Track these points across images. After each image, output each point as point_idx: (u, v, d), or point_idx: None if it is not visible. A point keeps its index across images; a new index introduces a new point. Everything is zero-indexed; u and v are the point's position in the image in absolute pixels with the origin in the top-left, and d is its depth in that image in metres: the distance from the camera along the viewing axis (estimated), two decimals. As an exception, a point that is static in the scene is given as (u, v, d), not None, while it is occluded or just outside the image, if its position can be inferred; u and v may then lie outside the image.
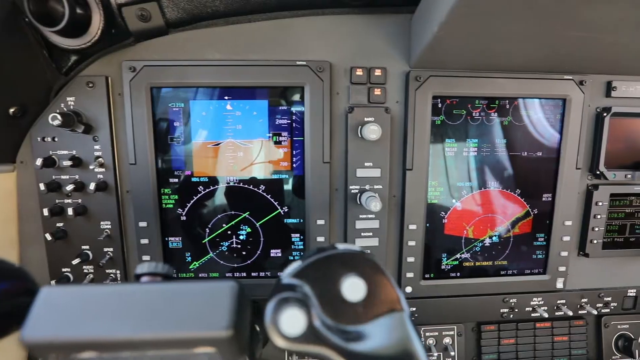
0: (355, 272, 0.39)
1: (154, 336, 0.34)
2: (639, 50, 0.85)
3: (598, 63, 0.92)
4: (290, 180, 0.93)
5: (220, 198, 0.93)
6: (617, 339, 1.16)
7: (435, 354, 1.09)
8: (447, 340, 1.10)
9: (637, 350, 1.12)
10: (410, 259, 0.97)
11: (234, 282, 0.38)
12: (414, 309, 1.01)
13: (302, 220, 0.95)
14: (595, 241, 1.03)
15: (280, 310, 0.35)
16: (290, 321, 0.35)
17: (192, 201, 0.92)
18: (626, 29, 0.71)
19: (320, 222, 0.93)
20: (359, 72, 0.90)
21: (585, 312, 1.07)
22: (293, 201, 0.94)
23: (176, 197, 0.92)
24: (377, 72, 0.90)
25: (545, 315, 1.04)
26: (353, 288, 0.38)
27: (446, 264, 1.01)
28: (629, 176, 1.00)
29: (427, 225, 0.97)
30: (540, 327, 1.13)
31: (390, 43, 0.91)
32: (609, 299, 1.09)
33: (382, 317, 0.39)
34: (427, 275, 1.01)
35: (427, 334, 1.09)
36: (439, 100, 0.93)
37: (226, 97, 0.89)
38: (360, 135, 0.89)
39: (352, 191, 0.92)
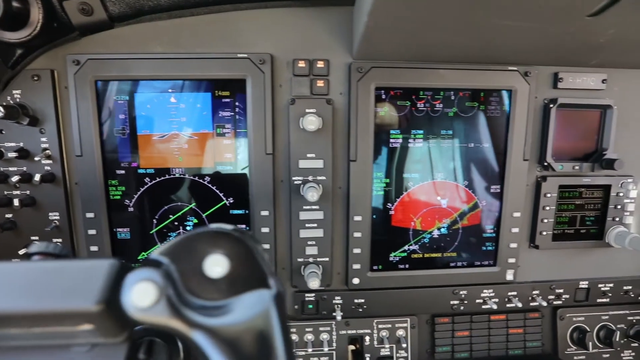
0: (220, 250, 0.40)
1: (28, 310, 0.35)
2: (583, 41, 0.85)
3: (542, 54, 0.93)
4: (235, 172, 0.94)
5: (166, 189, 0.94)
6: (573, 331, 1.16)
7: (388, 346, 1.10)
8: (400, 332, 1.11)
9: (590, 343, 1.12)
10: (357, 251, 0.98)
11: (116, 260, 0.39)
12: (362, 300, 1.02)
13: (247, 212, 0.96)
14: (544, 233, 1.03)
15: (134, 283, 0.36)
16: (141, 294, 0.36)
17: (139, 193, 0.94)
18: (549, 17, 0.71)
19: (265, 213, 0.94)
20: (302, 64, 0.91)
21: (536, 304, 1.07)
22: (238, 192, 0.95)
23: (123, 188, 0.93)
24: (320, 64, 0.91)
25: (495, 307, 1.04)
26: (214, 265, 0.39)
27: (394, 256, 1.01)
28: (577, 167, 1.00)
29: (374, 217, 0.98)
30: (495, 319, 1.13)
31: (333, 35, 0.92)
32: (561, 291, 1.09)
33: (247, 294, 0.40)
34: (375, 267, 1.01)
35: (380, 326, 1.10)
36: (383, 91, 0.93)
37: (170, 90, 0.91)
38: (302, 127, 0.90)
39: (295, 182, 0.93)
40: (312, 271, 0.93)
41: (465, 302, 1.05)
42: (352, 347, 1.10)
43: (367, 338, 1.10)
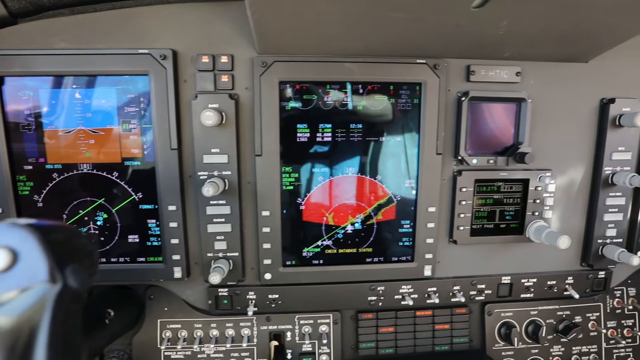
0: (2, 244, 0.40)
1: None
2: (483, 33, 0.83)
3: (452, 47, 0.92)
4: (142, 167, 0.94)
5: (75, 185, 0.95)
6: (501, 326, 1.15)
7: (310, 342, 1.09)
8: (323, 328, 1.11)
9: (515, 338, 1.11)
10: (267, 246, 0.97)
11: None
12: (277, 295, 1.01)
13: (156, 206, 0.96)
14: (462, 228, 1.02)
15: None
16: None
17: (47, 188, 0.94)
18: (437, 9, 0.70)
19: (172, 207, 0.94)
20: (205, 59, 0.90)
21: (457, 299, 1.06)
22: (146, 187, 0.95)
23: (31, 184, 0.94)
24: (224, 59, 0.91)
25: (411, 302, 1.03)
26: (-5, 259, 0.40)
27: (307, 251, 1.01)
28: (492, 161, 0.99)
29: (284, 212, 0.98)
30: (421, 315, 1.13)
31: (237, 30, 0.91)
32: (483, 286, 1.08)
33: (29, 289, 0.40)
34: (288, 262, 1.01)
35: (302, 321, 1.10)
36: (288, 85, 0.93)
37: (74, 86, 0.91)
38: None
39: (201, 177, 0.93)
40: (217, 266, 0.92)
41: (383, 297, 1.04)
42: (275, 342, 1.10)
43: (289, 334, 1.09)
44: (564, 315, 1.17)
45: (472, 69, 0.96)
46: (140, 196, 0.96)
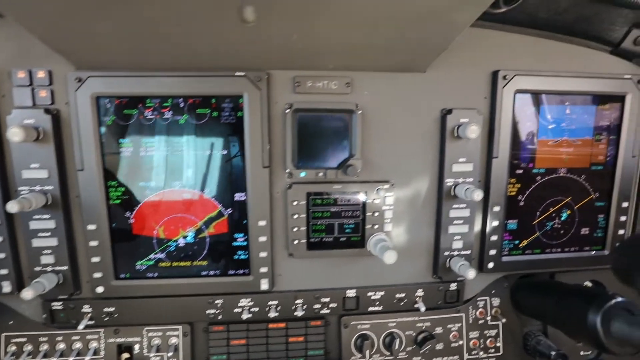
0: None
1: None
2: (283, 46, 0.83)
3: (272, 59, 0.91)
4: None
5: None
6: (357, 338, 1.14)
7: (159, 355, 1.09)
8: (173, 340, 1.10)
9: (367, 350, 1.10)
10: (95, 259, 0.97)
11: None
12: (113, 308, 1.02)
13: (-18, 221, 0.96)
14: (296, 242, 1.01)
15: None
16: None
17: None
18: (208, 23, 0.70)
19: (-8, 221, 0.94)
20: (21, 74, 0.91)
21: (299, 313, 1.05)
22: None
23: None
24: (40, 74, 0.91)
25: (249, 316, 1.02)
26: None
27: (141, 264, 1.01)
28: (321, 174, 0.97)
29: (114, 225, 0.98)
30: (273, 327, 1.12)
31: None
32: (327, 299, 1.06)
33: None
34: (122, 276, 1.01)
35: (150, 334, 1.09)
36: (108, 100, 0.93)
37: None
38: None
39: (22, 193, 0.93)
40: (37, 281, 0.93)
41: (222, 310, 1.04)
42: (126, 355, 1.10)
43: (137, 346, 1.09)
44: (423, 327, 1.15)
45: (297, 80, 0.95)
46: (-32, 210, 0.96)
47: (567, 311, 0.96)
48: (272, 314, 1.04)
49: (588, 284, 1.20)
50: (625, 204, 1.13)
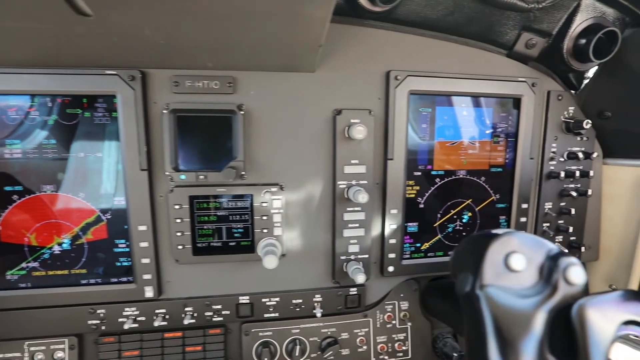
0: None
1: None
2: (185, 46, 0.78)
3: (150, 56, 0.86)
4: None
5: None
6: (258, 346, 1.10)
7: (41, 368, 1.03)
8: (59, 354, 1.04)
9: (266, 359, 1.06)
10: (-42, 270, 0.91)
11: None
12: (-19, 321, 0.95)
13: None
14: (181, 247, 0.97)
15: None
16: None
17: None
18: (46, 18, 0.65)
19: None
20: None
21: (189, 322, 1.01)
22: None
23: None
24: None
25: (134, 325, 0.98)
26: None
27: (11, 274, 0.95)
28: (202, 177, 0.94)
29: (-20, 233, 0.91)
30: (169, 337, 1.07)
31: None
32: (219, 306, 1.03)
33: None
34: (-9, 287, 0.95)
35: (32, 348, 1.03)
36: (-34, 99, 0.86)
37: None
38: None
39: None
40: None
41: (105, 320, 0.98)
42: (9, 370, 1.04)
43: (19, 362, 1.03)
44: (329, 333, 1.13)
45: (175, 79, 0.91)
46: None
47: (459, 314, 0.95)
48: (159, 323, 0.99)
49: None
50: (524, 205, 1.13)
